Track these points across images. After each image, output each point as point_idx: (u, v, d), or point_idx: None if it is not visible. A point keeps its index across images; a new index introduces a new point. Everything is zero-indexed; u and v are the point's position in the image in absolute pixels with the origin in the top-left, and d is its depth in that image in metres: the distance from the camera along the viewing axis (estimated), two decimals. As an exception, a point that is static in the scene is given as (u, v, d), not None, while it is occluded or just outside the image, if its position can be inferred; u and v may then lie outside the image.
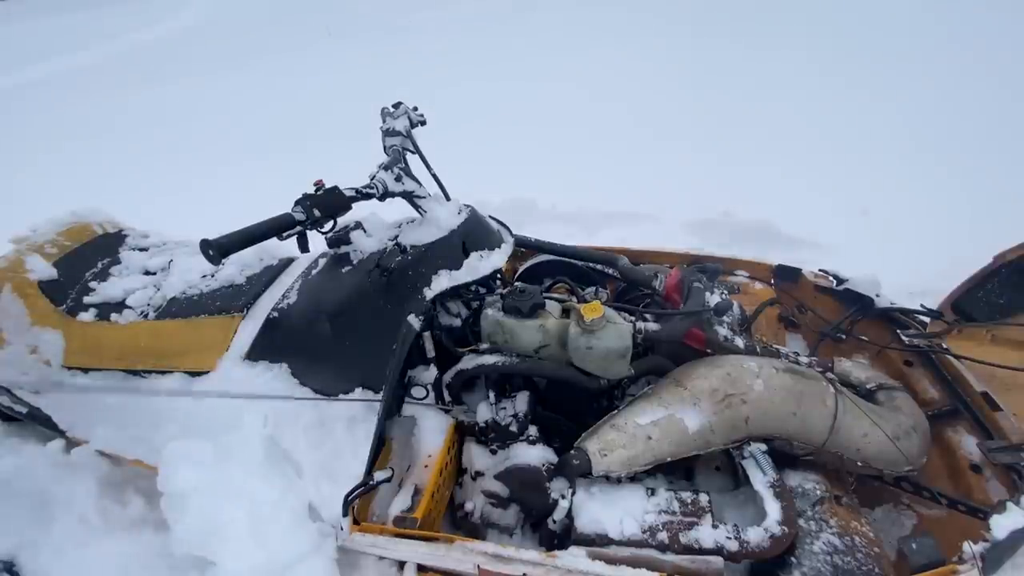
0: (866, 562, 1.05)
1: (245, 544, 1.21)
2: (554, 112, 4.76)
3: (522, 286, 1.32)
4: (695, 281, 1.35)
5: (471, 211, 1.50)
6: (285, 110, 5.62)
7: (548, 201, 3.36)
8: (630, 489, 1.20)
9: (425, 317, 1.29)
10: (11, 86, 8.01)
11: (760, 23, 6.34)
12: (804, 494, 1.19)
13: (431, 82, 5.63)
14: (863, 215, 3.01)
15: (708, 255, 1.89)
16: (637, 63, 5.65)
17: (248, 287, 1.63)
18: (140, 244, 1.90)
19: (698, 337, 1.31)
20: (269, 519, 1.26)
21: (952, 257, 1.76)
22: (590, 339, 1.21)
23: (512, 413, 1.28)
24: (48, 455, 1.62)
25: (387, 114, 1.53)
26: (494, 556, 1.07)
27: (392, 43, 7.41)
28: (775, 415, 1.20)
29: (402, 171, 1.40)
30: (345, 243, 1.48)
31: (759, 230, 2.97)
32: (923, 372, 1.50)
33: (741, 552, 1.07)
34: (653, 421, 1.19)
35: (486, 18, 7.90)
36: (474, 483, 1.31)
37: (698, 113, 4.42)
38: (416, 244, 1.36)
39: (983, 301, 1.56)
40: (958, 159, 3.41)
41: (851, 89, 4.56)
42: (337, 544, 1.18)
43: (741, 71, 5.16)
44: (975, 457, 1.28)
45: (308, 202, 1.17)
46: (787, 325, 1.79)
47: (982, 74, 4.45)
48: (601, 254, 1.67)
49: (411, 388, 1.33)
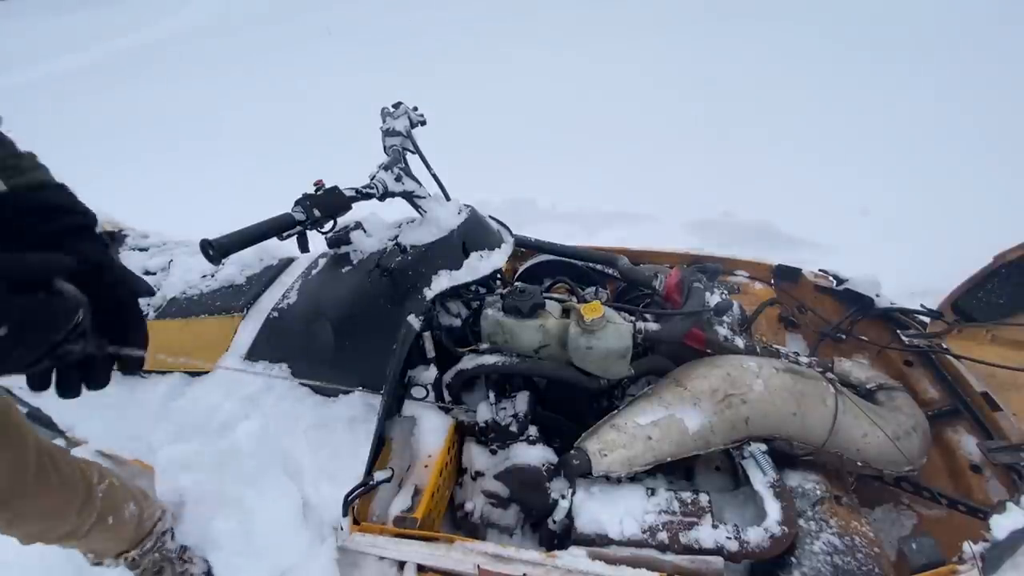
0: (866, 562, 1.05)
1: (242, 550, 1.21)
2: (554, 112, 4.76)
3: (522, 286, 1.32)
4: (695, 281, 1.35)
5: (471, 211, 1.50)
6: (285, 110, 5.62)
7: (548, 201, 3.36)
8: (630, 489, 1.20)
9: (425, 317, 1.29)
10: (11, 86, 8.01)
11: (760, 23, 6.34)
12: (804, 494, 1.19)
13: (431, 82, 5.63)
14: (863, 215, 3.01)
15: (708, 255, 1.89)
16: (637, 63, 5.65)
17: (248, 287, 1.63)
18: (140, 244, 1.90)
19: (698, 337, 1.31)
20: (267, 524, 1.27)
21: (952, 257, 1.76)
22: (590, 339, 1.21)
23: (512, 413, 1.28)
24: (48, 455, 1.62)
25: (387, 114, 1.53)
26: (494, 556, 1.07)
27: (392, 43, 7.41)
28: (775, 415, 1.20)
29: (402, 171, 1.40)
30: (345, 243, 1.48)
31: (759, 230, 2.97)
32: (923, 372, 1.50)
33: (741, 552, 1.07)
34: (653, 421, 1.19)
35: (486, 18, 7.90)
36: (474, 483, 1.30)
37: (698, 113, 4.42)
38: (416, 244, 1.36)
39: (983, 301, 1.56)
40: (959, 159, 3.40)
41: (851, 89, 4.56)
42: (337, 544, 1.18)
43: (741, 71, 5.16)
44: (975, 457, 1.28)
45: (308, 202, 1.17)
46: (787, 325, 1.79)
47: (982, 74, 4.45)
48: (601, 254, 1.67)
49: (411, 388, 1.32)
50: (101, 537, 1.15)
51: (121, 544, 1.20)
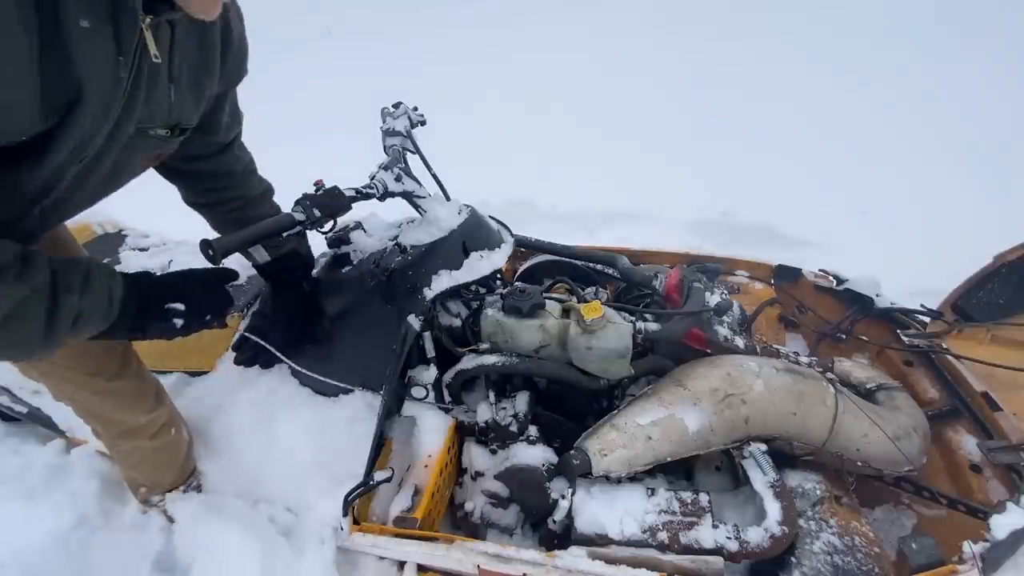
0: (866, 562, 1.05)
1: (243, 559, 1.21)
2: (554, 112, 4.76)
3: (522, 286, 1.32)
4: (695, 281, 1.35)
5: (471, 211, 1.49)
6: (285, 109, 5.61)
7: (548, 201, 3.36)
8: (630, 489, 1.20)
9: (425, 317, 1.29)
10: (11, 86, 7.99)
11: (759, 23, 6.34)
12: (804, 494, 1.19)
13: (431, 82, 5.62)
14: (863, 215, 3.01)
15: (708, 255, 1.89)
16: (637, 63, 5.65)
17: (248, 287, 1.63)
18: (140, 244, 1.90)
19: (698, 337, 1.31)
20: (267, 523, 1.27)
21: (952, 257, 1.76)
22: (590, 339, 1.21)
23: (512, 413, 1.28)
24: (48, 455, 1.62)
25: (387, 114, 1.53)
26: (494, 556, 1.07)
27: (392, 43, 7.41)
28: (775, 415, 1.20)
29: (402, 171, 1.40)
30: (345, 243, 1.48)
31: (759, 230, 2.97)
32: (923, 372, 1.50)
33: (741, 552, 1.07)
34: (653, 421, 1.19)
35: (486, 18, 7.90)
36: (474, 483, 1.30)
37: (698, 113, 4.42)
38: (416, 244, 1.36)
39: (983, 301, 1.56)
40: (958, 159, 3.41)
41: (851, 89, 4.56)
42: (337, 544, 1.18)
43: (741, 71, 5.16)
44: (975, 457, 1.28)
45: (308, 202, 1.17)
46: (787, 325, 1.79)
47: (982, 74, 4.45)
48: (601, 254, 1.67)
49: (411, 388, 1.32)
50: (163, 454, 1.29)
51: (171, 472, 1.32)
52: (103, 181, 0.92)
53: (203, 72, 0.97)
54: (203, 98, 1.01)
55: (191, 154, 1.14)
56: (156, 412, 1.25)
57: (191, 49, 0.92)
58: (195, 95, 0.97)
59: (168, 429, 1.28)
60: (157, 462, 1.30)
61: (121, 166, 0.92)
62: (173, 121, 0.94)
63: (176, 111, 0.93)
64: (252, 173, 1.34)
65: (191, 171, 1.21)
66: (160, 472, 1.32)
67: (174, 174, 1.22)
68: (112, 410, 1.20)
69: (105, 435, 1.27)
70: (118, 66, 0.75)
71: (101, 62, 0.73)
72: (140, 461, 1.30)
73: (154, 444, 1.26)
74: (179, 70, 0.89)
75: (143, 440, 1.25)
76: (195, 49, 0.93)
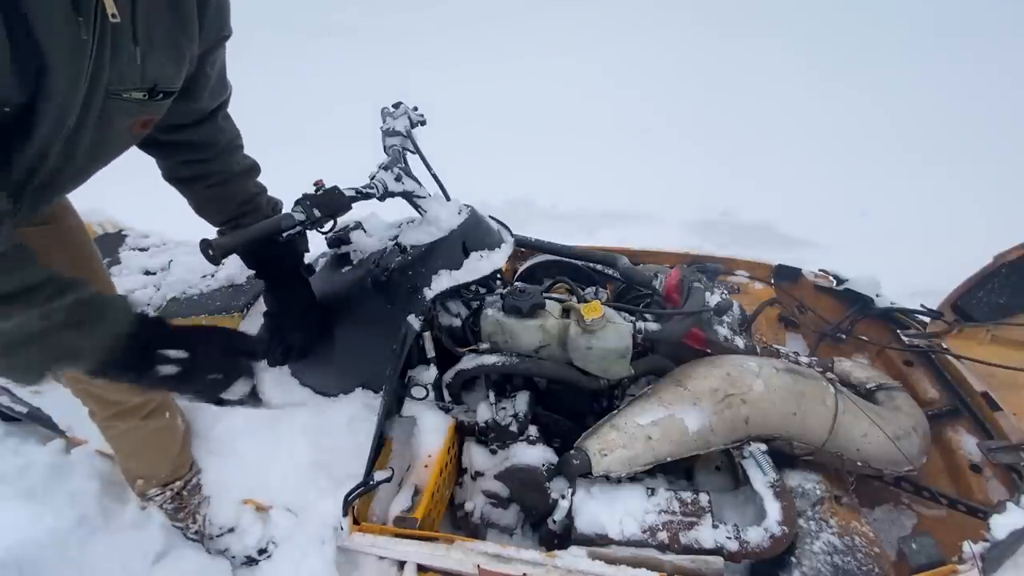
0: (866, 562, 1.05)
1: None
2: (554, 112, 4.76)
3: (522, 286, 1.32)
4: (695, 281, 1.35)
5: (471, 211, 1.49)
6: (285, 109, 5.61)
7: (548, 201, 3.36)
8: (630, 489, 1.20)
9: (425, 317, 1.29)
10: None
11: (760, 22, 6.34)
12: (804, 494, 1.19)
13: (431, 82, 5.62)
14: (863, 215, 3.01)
15: (708, 255, 1.89)
16: (637, 63, 5.65)
17: (248, 287, 1.63)
18: (140, 244, 1.90)
19: (698, 337, 1.31)
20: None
21: (952, 257, 1.76)
22: (590, 339, 1.21)
23: (512, 413, 1.28)
24: (48, 455, 1.62)
25: (387, 114, 1.53)
26: (494, 556, 1.07)
27: (392, 43, 7.41)
28: (775, 415, 1.20)
29: (402, 171, 1.40)
30: (345, 243, 1.47)
31: (759, 230, 2.97)
32: (923, 372, 1.50)
33: (741, 552, 1.07)
34: (653, 421, 1.19)
35: (486, 18, 7.89)
36: (474, 483, 1.30)
37: (698, 113, 4.42)
38: (416, 244, 1.36)
39: (983, 301, 1.56)
40: (958, 159, 3.41)
41: (852, 89, 4.56)
42: (337, 544, 1.18)
43: (741, 71, 5.16)
44: (975, 457, 1.28)
45: (308, 202, 1.17)
46: (787, 325, 1.79)
47: (982, 74, 4.45)
48: (601, 254, 1.66)
49: (411, 388, 1.32)
50: (158, 439, 1.30)
51: (167, 462, 1.32)
52: (91, 153, 0.89)
53: (179, 31, 0.92)
54: (183, 58, 0.95)
55: (171, 123, 1.08)
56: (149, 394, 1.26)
57: (161, 9, 0.87)
58: (172, 56, 0.92)
59: (162, 412, 1.29)
60: (151, 448, 1.31)
61: (106, 135, 0.89)
62: (148, 84, 0.90)
63: (152, 72, 0.89)
64: (237, 148, 1.29)
65: (170, 141, 1.14)
66: (155, 460, 1.32)
67: (152, 144, 1.15)
68: (109, 390, 1.21)
69: (100, 414, 1.27)
70: (79, 27, 0.73)
71: (59, 23, 0.71)
72: (134, 446, 1.31)
73: (148, 427, 1.27)
74: (146, 30, 0.85)
75: (136, 420, 1.25)
76: (166, 9, 0.88)
